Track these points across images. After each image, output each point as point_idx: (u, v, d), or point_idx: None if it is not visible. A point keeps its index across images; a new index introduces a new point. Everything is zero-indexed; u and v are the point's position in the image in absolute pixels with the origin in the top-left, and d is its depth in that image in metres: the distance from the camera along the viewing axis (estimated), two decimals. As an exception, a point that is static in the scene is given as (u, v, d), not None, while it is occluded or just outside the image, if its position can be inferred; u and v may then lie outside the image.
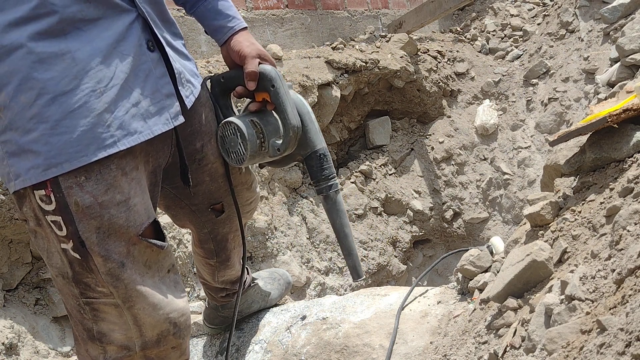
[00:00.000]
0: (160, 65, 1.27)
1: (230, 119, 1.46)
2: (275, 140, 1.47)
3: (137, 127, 1.21)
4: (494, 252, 1.74)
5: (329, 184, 1.53)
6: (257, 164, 1.56)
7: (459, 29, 4.62)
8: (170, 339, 1.30)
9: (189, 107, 1.35)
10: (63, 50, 1.14)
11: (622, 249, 1.13)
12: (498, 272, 1.59)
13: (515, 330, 1.29)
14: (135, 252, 1.23)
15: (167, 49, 1.29)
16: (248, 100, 1.53)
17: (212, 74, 1.57)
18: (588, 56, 3.72)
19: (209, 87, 1.55)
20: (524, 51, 4.27)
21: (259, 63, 1.45)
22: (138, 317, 1.24)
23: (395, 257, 3.59)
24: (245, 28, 1.50)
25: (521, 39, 4.36)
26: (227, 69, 1.56)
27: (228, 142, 1.47)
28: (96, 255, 1.18)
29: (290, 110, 1.45)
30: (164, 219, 2.58)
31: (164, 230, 1.33)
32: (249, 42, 1.47)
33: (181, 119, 1.30)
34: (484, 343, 1.41)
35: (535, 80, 4.06)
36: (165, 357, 1.32)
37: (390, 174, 3.80)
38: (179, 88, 1.32)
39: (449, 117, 4.10)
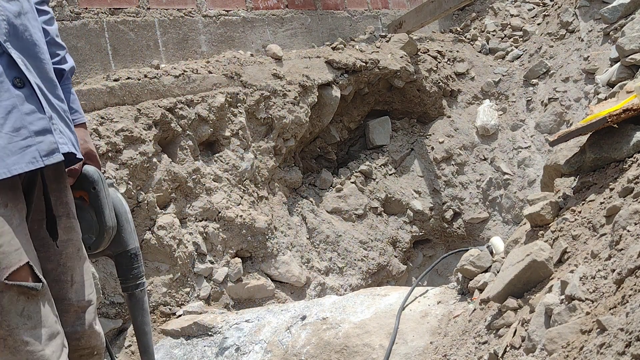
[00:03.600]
0: (32, 102, 1.21)
1: None
2: (89, 236, 1.52)
3: None
4: (494, 252, 1.74)
5: (137, 282, 1.64)
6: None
7: (459, 29, 4.62)
8: None
9: (61, 152, 1.26)
10: None
11: (622, 249, 1.13)
12: (498, 272, 1.59)
13: (515, 330, 1.29)
14: (4, 301, 1.09)
15: (42, 99, 1.23)
16: None
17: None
18: (588, 56, 3.72)
19: None
20: (524, 51, 4.27)
21: (84, 163, 1.46)
22: None
23: (395, 257, 3.59)
24: (84, 124, 1.51)
25: (521, 39, 4.36)
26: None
27: None
28: None
29: (108, 212, 1.53)
30: (164, 219, 2.58)
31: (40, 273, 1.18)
32: (83, 139, 1.48)
33: (57, 157, 1.22)
34: (484, 343, 1.41)
35: (535, 80, 4.05)
36: None
37: (390, 174, 3.80)
38: (53, 132, 1.24)
39: (449, 117, 4.10)
